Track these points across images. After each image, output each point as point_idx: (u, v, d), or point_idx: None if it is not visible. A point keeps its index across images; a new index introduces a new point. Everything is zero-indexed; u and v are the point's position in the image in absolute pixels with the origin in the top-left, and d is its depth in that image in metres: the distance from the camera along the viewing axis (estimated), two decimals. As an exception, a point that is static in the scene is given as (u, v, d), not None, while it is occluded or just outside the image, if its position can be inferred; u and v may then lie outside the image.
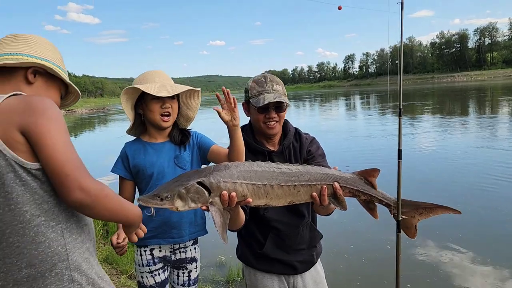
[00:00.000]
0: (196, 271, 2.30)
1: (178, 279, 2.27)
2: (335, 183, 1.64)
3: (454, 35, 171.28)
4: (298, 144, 2.14)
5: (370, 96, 56.68)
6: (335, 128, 18.64)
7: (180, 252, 2.23)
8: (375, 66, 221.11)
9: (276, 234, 2.06)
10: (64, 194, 1.16)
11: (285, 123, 2.14)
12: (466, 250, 4.96)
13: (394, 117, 21.84)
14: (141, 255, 2.18)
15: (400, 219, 1.80)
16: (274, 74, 2.10)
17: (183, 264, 2.25)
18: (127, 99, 2.10)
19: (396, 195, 1.80)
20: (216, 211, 1.49)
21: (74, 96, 1.61)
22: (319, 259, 2.23)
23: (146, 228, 2.03)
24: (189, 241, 2.23)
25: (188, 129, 2.28)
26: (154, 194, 1.47)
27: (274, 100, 1.94)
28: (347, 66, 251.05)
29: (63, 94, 1.55)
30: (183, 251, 2.23)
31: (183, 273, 2.26)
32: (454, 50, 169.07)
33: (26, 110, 1.18)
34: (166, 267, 2.24)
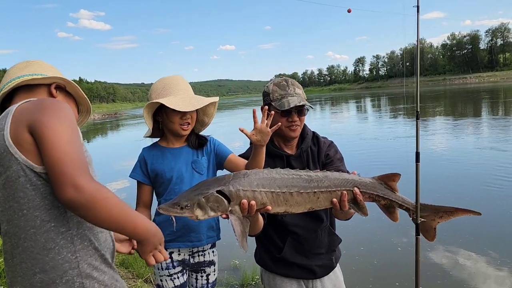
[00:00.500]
0: (214, 275, 2.31)
1: (197, 282, 2.28)
2: (355, 188, 1.64)
3: (465, 36, 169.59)
4: (316, 148, 2.14)
5: (382, 98, 56.26)
6: (350, 131, 18.51)
7: (198, 256, 2.24)
8: (385, 69, 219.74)
9: (295, 239, 2.06)
10: (58, 192, 1.11)
11: (302, 127, 2.14)
12: (482, 254, 4.89)
13: (403, 119, 21.68)
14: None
15: (418, 222, 1.79)
16: None
17: (201, 268, 2.26)
18: (148, 111, 2.13)
19: (413, 198, 1.79)
20: (236, 220, 1.49)
21: (84, 115, 1.66)
22: (338, 263, 2.23)
23: (166, 232, 2.07)
24: (207, 244, 2.25)
25: (207, 135, 2.30)
26: (174, 203, 1.49)
27: (299, 103, 1.94)
28: (358, 69, 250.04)
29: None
30: (201, 255, 2.25)
31: (202, 276, 2.28)
32: (466, 51, 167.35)
33: (36, 109, 1.21)
34: (185, 271, 2.25)
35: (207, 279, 2.29)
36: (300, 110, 2.01)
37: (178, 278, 2.21)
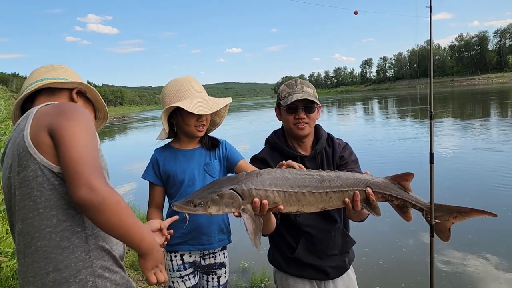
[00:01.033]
0: (225, 277, 2.31)
1: (208, 284, 2.28)
2: (368, 188, 1.63)
3: (473, 37, 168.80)
4: (330, 149, 2.14)
5: (390, 100, 56.02)
6: (360, 132, 18.45)
7: (209, 258, 2.24)
8: (392, 71, 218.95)
9: (308, 239, 2.06)
10: (71, 191, 1.11)
11: (317, 128, 2.15)
12: (494, 256, 4.84)
13: (413, 120, 21.56)
14: (171, 260, 2.20)
15: (433, 223, 1.77)
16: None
17: (212, 270, 2.26)
18: (165, 115, 2.14)
19: (426, 198, 1.77)
20: (248, 218, 1.50)
21: (101, 121, 1.71)
22: (351, 265, 2.21)
23: (177, 235, 2.07)
24: (218, 247, 2.25)
25: (220, 139, 2.31)
26: (188, 201, 1.50)
27: (301, 98, 1.95)
28: (365, 71, 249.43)
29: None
30: (212, 257, 2.25)
31: (213, 278, 2.28)
32: (474, 52, 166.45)
33: (57, 113, 1.24)
34: (196, 272, 2.26)
35: (218, 281, 2.28)
36: (307, 107, 2.00)
37: (190, 280, 2.21)
